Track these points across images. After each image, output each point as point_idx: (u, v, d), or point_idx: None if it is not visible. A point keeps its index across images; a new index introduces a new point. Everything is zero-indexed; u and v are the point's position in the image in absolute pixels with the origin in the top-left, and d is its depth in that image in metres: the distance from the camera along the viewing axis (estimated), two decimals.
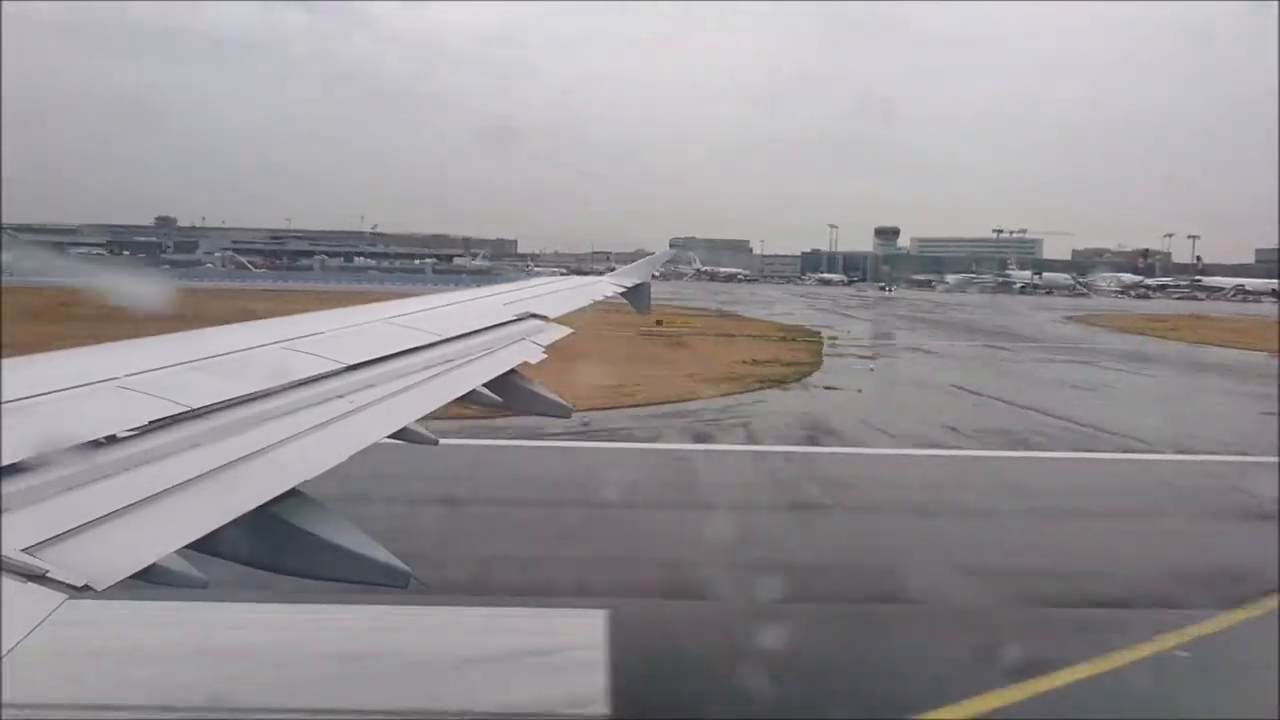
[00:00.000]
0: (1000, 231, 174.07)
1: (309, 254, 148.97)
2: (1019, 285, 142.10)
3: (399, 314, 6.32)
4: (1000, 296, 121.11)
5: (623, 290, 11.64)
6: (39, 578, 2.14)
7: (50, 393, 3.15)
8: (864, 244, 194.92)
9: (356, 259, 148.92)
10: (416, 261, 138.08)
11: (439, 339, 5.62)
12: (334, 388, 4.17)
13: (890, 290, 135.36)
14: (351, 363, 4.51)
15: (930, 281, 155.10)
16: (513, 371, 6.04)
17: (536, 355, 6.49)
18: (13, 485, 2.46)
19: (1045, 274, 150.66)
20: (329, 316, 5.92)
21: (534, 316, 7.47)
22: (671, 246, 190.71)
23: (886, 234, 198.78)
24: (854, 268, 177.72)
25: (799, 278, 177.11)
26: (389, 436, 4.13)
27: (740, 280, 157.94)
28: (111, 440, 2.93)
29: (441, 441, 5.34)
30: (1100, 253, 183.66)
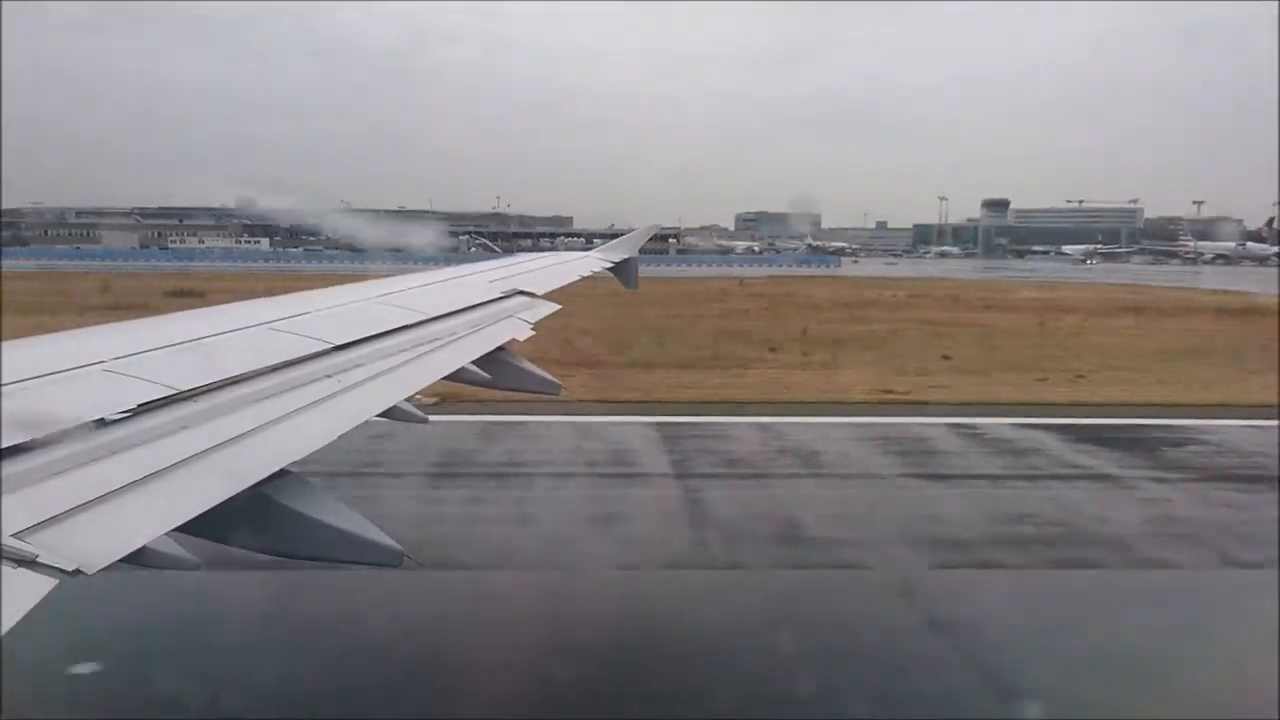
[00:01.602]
0: (1071, 200, 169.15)
1: (552, 236, 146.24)
2: (1209, 256, 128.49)
3: (387, 293, 6.30)
4: (1210, 269, 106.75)
5: (610, 265, 11.61)
6: (29, 563, 2.14)
7: (36, 377, 3.14)
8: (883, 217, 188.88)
9: (594, 240, 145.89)
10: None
11: (426, 317, 5.61)
12: (322, 368, 4.16)
13: (1090, 263, 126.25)
14: (339, 342, 4.50)
15: (1049, 252, 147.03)
16: (501, 349, 6.04)
17: (525, 332, 6.49)
18: (2, 469, 2.45)
19: (1248, 244, 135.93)
20: (317, 296, 5.89)
21: (521, 293, 7.46)
22: (743, 222, 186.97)
23: (995, 205, 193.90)
24: (965, 240, 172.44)
25: (909, 251, 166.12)
26: (378, 415, 4.13)
27: (850, 255, 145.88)
28: (100, 424, 2.92)
29: None
30: (1173, 220, 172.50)
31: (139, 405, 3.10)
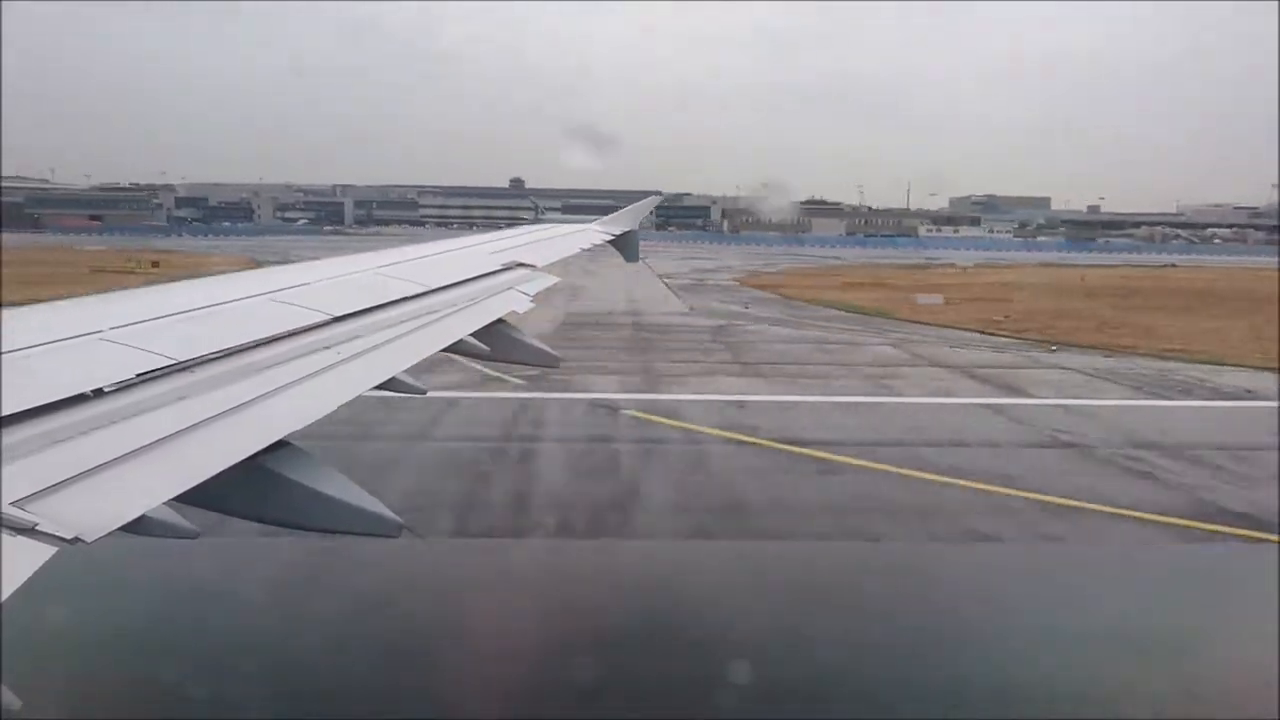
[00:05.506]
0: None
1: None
2: None
3: (386, 264, 6.30)
4: None
5: (611, 238, 11.56)
6: (29, 530, 2.15)
7: (33, 346, 3.14)
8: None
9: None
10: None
11: (426, 289, 5.60)
12: (321, 339, 4.16)
13: None
14: (338, 314, 4.50)
15: None
16: (500, 321, 6.03)
17: (524, 304, 6.48)
18: (1, 438, 2.46)
19: None
20: (316, 267, 5.89)
21: (521, 265, 7.45)
22: (975, 203, 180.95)
23: None
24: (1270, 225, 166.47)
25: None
26: (376, 387, 4.13)
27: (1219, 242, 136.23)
28: (98, 393, 2.92)
29: None
30: None
31: (137, 375, 3.10)
